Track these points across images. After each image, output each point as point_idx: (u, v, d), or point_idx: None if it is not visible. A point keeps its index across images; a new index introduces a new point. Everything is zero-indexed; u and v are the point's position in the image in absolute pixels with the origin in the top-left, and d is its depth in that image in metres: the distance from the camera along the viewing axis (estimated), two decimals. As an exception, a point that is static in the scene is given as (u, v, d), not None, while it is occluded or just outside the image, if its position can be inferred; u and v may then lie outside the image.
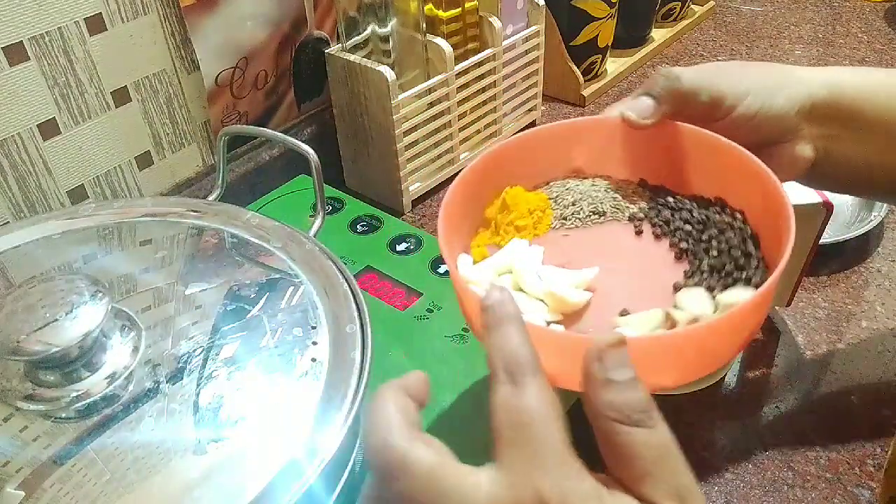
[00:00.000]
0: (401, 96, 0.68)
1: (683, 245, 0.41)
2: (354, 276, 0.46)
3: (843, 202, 0.71)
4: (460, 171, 0.42)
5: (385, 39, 0.68)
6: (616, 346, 0.27)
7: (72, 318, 0.36)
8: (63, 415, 0.35)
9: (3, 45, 0.53)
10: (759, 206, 0.40)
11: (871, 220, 0.66)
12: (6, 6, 0.52)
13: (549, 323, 0.38)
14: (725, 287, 0.38)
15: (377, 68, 0.66)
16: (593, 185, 0.45)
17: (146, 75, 0.62)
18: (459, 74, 0.72)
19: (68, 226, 0.46)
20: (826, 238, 0.59)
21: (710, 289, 0.38)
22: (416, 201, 0.75)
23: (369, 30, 0.68)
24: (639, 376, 0.27)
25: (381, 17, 0.67)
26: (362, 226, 0.62)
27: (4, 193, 0.56)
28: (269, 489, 0.32)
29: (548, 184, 0.46)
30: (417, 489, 0.25)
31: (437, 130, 0.73)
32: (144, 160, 0.65)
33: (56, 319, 0.35)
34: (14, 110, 0.55)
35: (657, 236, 0.42)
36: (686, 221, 0.42)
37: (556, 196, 0.45)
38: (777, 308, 0.61)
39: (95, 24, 0.57)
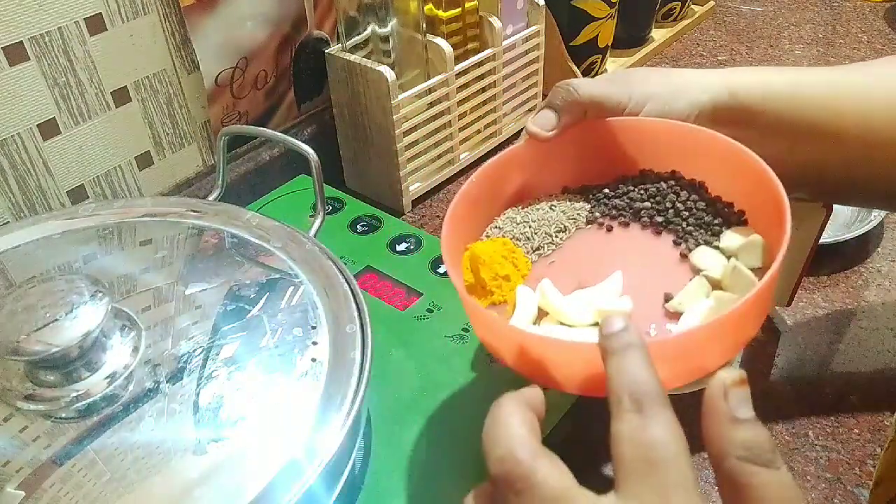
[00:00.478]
0: (401, 96, 0.68)
1: (658, 219, 0.42)
2: (354, 276, 0.46)
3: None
4: (460, 171, 0.42)
5: (385, 39, 0.68)
6: (739, 383, 0.26)
7: (72, 318, 0.36)
8: (63, 415, 0.35)
9: (3, 45, 0.53)
10: (720, 172, 0.42)
11: (871, 220, 0.66)
12: (6, 6, 0.52)
13: None
14: (715, 235, 0.40)
15: (377, 68, 0.66)
16: (535, 207, 0.45)
17: (146, 75, 0.62)
18: (459, 74, 0.72)
19: (68, 226, 0.46)
20: (826, 238, 0.59)
21: (706, 243, 0.40)
22: (416, 201, 0.75)
23: (369, 30, 0.68)
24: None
25: (381, 17, 0.67)
26: (362, 226, 0.62)
27: (4, 193, 0.56)
28: (269, 489, 0.32)
29: (488, 227, 0.45)
30: None
31: (437, 130, 0.73)
32: (144, 160, 0.65)
33: (56, 319, 0.35)
34: (14, 110, 0.55)
35: (625, 225, 0.43)
36: (641, 200, 0.43)
37: (512, 233, 0.44)
38: (777, 308, 0.61)
39: (95, 24, 0.57)
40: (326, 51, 0.70)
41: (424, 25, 0.69)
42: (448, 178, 0.77)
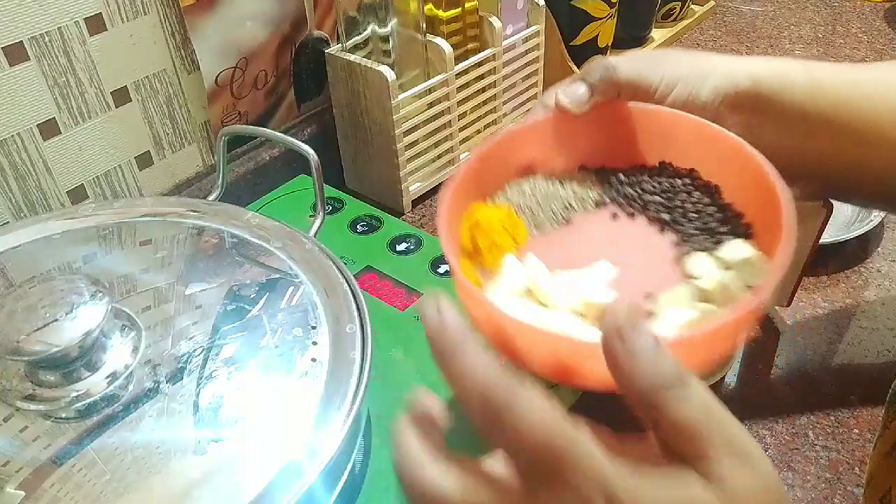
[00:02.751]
0: (401, 96, 0.68)
1: (664, 216, 0.42)
2: (354, 276, 0.46)
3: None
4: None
5: (385, 39, 0.68)
6: (629, 317, 0.25)
7: (72, 318, 0.36)
8: (63, 415, 0.35)
9: (3, 45, 0.53)
10: (718, 166, 0.42)
11: (871, 220, 0.66)
12: (6, 6, 0.52)
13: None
14: (717, 244, 0.39)
15: (377, 68, 0.66)
16: (547, 182, 0.44)
17: (146, 75, 0.62)
18: (459, 74, 0.72)
19: (68, 226, 0.46)
20: (826, 238, 0.59)
21: (706, 250, 0.39)
22: (416, 201, 0.75)
23: (369, 30, 0.68)
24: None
25: (381, 17, 0.67)
26: (362, 226, 0.62)
27: (4, 193, 0.56)
28: (269, 489, 0.32)
29: (497, 193, 0.44)
30: None
31: (437, 130, 0.73)
32: (144, 160, 0.65)
33: (56, 319, 0.35)
34: (14, 110, 0.55)
35: (630, 215, 0.43)
36: (653, 193, 0.43)
37: (517, 203, 0.43)
38: (777, 308, 0.61)
39: (95, 24, 0.57)
40: (326, 51, 0.70)
41: (424, 25, 0.69)
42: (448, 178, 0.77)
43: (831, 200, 0.53)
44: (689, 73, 0.43)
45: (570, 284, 0.38)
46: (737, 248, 0.38)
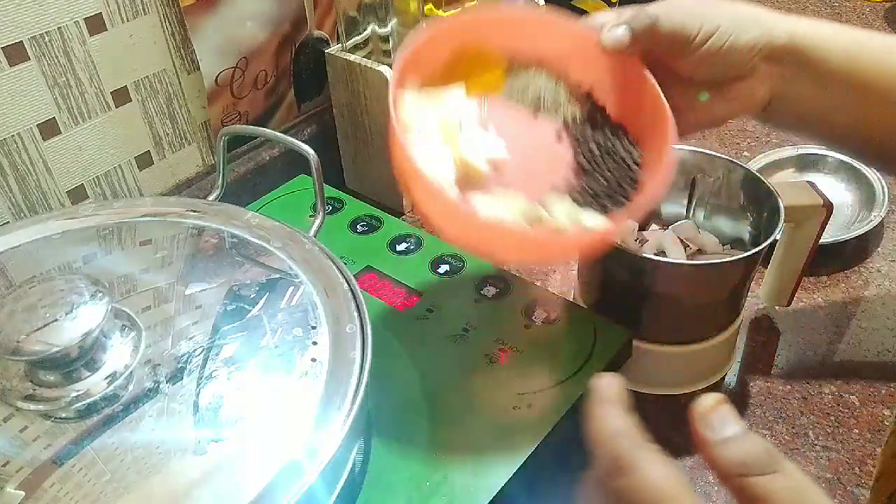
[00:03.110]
0: (401, 96, 0.68)
1: (582, 162, 0.44)
2: (354, 276, 0.46)
3: (843, 202, 0.71)
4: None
5: (385, 39, 0.68)
6: (716, 406, 0.27)
7: (72, 318, 0.36)
8: (63, 415, 0.35)
9: (3, 45, 0.53)
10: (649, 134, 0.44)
11: (871, 220, 0.66)
12: (6, 6, 0.52)
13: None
14: (588, 205, 0.42)
15: (377, 68, 0.66)
16: (548, 79, 0.46)
17: (146, 75, 0.62)
18: (459, 74, 0.72)
19: (68, 226, 0.46)
20: (826, 238, 0.59)
21: (580, 203, 0.42)
22: (416, 201, 0.75)
23: (369, 30, 0.68)
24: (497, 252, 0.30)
25: (381, 17, 0.67)
26: (362, 226, 0.62)
27: (4, 193, 0.56)
28: (269, 489, 0.32)
29: (511, 59, 0.46)
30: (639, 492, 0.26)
31: (437, 130, 0.73)
32: (144, 160, 0.65)
33: (56, 319, 0.35)
34: (14, 110, 0.55)
35: (572, 142, 0.45)
36: (598, 144, 0.45)
37: (514, 72, 0.46)
38: (777, 308, 0.61)
39: (95, 24, 0.57)
40: (326, 51, 0.70)
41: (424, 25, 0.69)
42: (448, 178, 0.77)
43: (831, 201, 0.53)
44: (728, 24, 0.43)
45: (469, 137, 0.43)
46: (591, 218, 0.41)
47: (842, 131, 0.47)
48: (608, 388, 0.28)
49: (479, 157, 0.42)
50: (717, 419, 0.26)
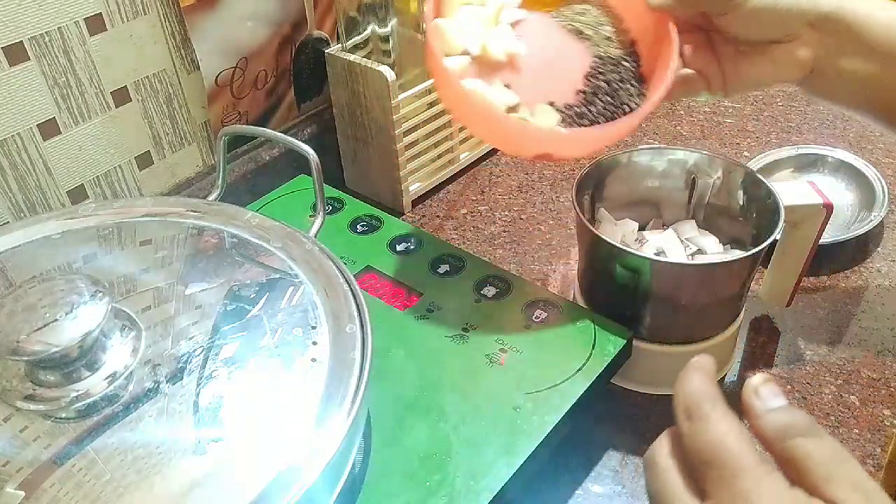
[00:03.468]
0: (401, 96, 0.68)
1: (586, 89, 0.48)
2: (354, 276, 0.46)
3: (843, 202, 0.71)
4: (460, 171, 0.43)
5: (385, 39, 0.68)
6: (765, 382, 0.29)
7: (72, 318, 0.36)
8: (63, 415, 0.35)
9: (3, 45, 0.53)
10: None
11: (871, 220, 0.66)
12: (6, 6, 0.52)
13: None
14: (569, 124, 0.47)
15: (377, 68, 0.66)
16: (603, 15, 0.50)
17: (146, 75, 0.62)
18: (459, 74, 0.72)
19: (68, 226, 0.46)
20: (826, 238, 0.59)
21: (563, 120, 0.46)
22: (416, 201, 0.75)
23: (369, 30, 0.68)
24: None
25: (381, 17, 0.67)
26: (362, 226, 0.62)
27: (4, 193, 0.56)
28: (269, 489, 0.32)
29: None
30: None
31: (437, 130, 0.73)
32: (144, 160, 0.65)
33: (56, 319, 0.35)
34: (14, 110, 0.55)
35: (590, 71, 0.48)
36: (608, 82, 0.48)
37: (578, 4, 0.50)
38: (777, 308, 0.61)
39: (95, 24, 0.57)
40: (326, 51, 0.70)
41: (424, 25, 0.69)
42: (448, 178, 0.77)
43: (831, 202, 0.53)
44: None
45: (502, 33, 0.49)
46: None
47: (882, 103, 0.48)
48: (700, 360, 0.31)
49: (499, 48, 0.48)
50: (766, 392, 0.29)
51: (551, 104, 0.47)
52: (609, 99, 0.47)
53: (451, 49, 0.48)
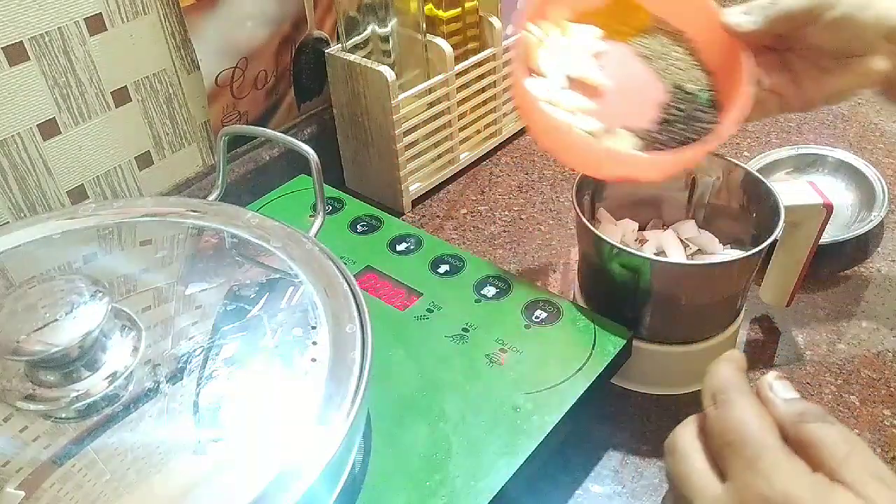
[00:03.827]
0: (401, 96, 0.68)
1: (665, 117, 0.49)
2: (354, 276, 0.46)
3: (843, 202, 0.71)
4: (460, 171, 0.43)
5: (385, 39, 0.68)
6: (779, 377, 0.32)
7: (72, 318, 0.35)
8: (63, 415, 0.35)
9: (3, 45, 0.53)
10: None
11: (871, 220, 0.66)
12: (6, 6, 0.52)
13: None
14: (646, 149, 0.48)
15: (377, 68, 0.66)
16: (683, 50, 0.52)
17: (146, 75, 0.62)
18: (459, 74, 0.72)
19: (68, 226, 0.46)
20: (826, 238, 0.59)
21: (641, 146, 0.48)
22: (416, 201, 0.75)
23: (369, 30, 0.68)
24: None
25: (381, 17, 0.67)
26: (362, 226, 0.62)
27: (4, 193, 0.56)
28: (269, 489, 0.32)
29: (655, 21, 0.53)
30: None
31: (437, 130, 0.73)
32: (144, 160, 0.65)
33: (56, 319, 0.35)
34: (14, 110, 0.55)
35: (667, 98, 0.50)
36: (681, 109, 0.49)
37: (653, 32, 0.52)
38: (777, 308, 0.61)
39: (95, 24, 0.57)
40: (326, 51, 0.70)
41: (424, 25, 0.69)
42: (448, 178, 0.77)
43: (831, 202, 0.53)
44: (852, 2, 0.45)
45: (584, 64, 0.51)
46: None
47: None
48: (732, 353, 0.33)
49: (583, 79, 0.50)
50: (779, 386, 0.31)
51: (629, 129, 0.49)
52: (683, 127, 0.49)
53: (538, 81, 0.50)
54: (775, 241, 0.54)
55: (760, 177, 0.55)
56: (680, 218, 0.61)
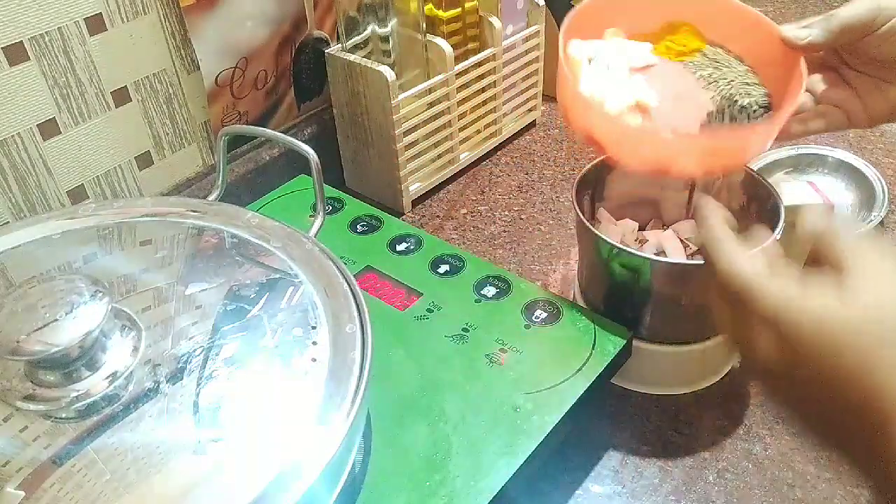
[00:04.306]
0: (401, 96, 0.68)
1: (710, 119, 0.49)
2: (354, 276, 0.46)
3: (843, 202, 0.71)
4: (460, 171, 0.43)
5: (385, 39, 0.68)
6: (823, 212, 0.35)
7: (72, 318, 0.36)
8: (63, 415, 0.35)
9: (3, 45, 0.53)
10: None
11: (871, 220, 0.66)
12: (6, 6, 0.52)
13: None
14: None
15: (377, 68, 0.66)
16: (742, 67, 0.51)
17: (146, 75, 0.62)
18: (459, 74, 0.72)
19: (68, 226, 0.46)
20: (826, 238, 0.59)
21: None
22: (416, 201, 0.75)
23: (369, 30, 0.68)
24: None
25: (381, 17, 0.67)
26: (362, 226, 0.62)
27: (4, 193, 0.56)
28: (269, 489, 0.32)
29: (711, 42, 0.52)
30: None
31: (437, 130, 0.73)
32: (144, 160, 0.65)
33: (56, 319, 0.35)
34: (14, 110, 0.55)
35: (716, 107, 0.49)
36: (733, 118, 0.49)
37: (713, 52, 0.52)
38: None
39: (95, 24, 0.57)
40: (326, 51, 0.70)
41: (424, 25, 0.69)
42: (448, 178, 0.77)
43: (831, 201, 0.53)
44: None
45: (635, 80, 0.50)
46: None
47: None
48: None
49: (631, 93, 0.49)
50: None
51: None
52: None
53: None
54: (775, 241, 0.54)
55: (760, 177, 0.55)
56: (680, 218, 0.61)
